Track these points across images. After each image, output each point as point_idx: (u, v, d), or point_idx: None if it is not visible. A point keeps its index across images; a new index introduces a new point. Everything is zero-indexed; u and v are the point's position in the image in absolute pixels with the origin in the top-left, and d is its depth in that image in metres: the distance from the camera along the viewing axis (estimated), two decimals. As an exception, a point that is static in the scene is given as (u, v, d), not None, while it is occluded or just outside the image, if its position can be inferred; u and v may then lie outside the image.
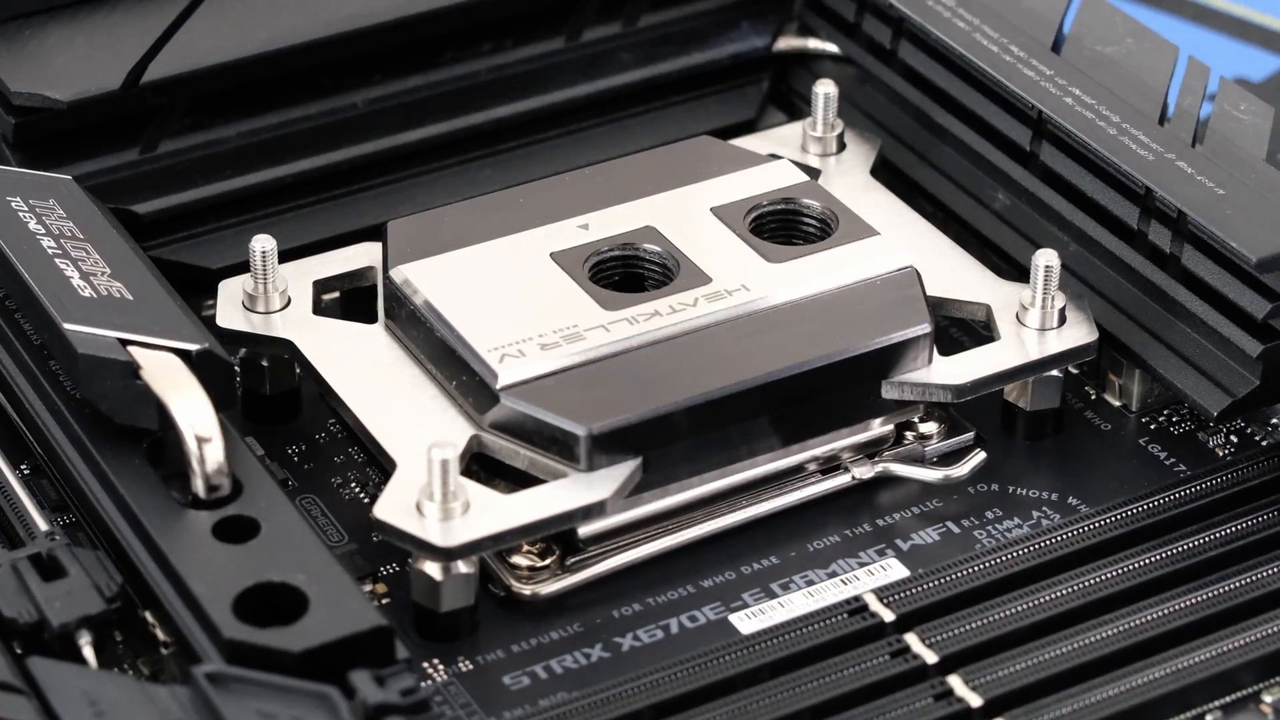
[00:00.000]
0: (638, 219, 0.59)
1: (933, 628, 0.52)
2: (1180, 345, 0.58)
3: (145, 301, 0.55)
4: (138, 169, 0.62)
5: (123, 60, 0.62)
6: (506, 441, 0.54)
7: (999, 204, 0.63)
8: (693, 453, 0.55)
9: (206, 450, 0.51)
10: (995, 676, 0.51)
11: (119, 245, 0.57)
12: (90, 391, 0.53)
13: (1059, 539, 0.54)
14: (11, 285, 0.56)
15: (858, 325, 0.56)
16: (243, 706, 0.46)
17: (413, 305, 0.57)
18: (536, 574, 0.54)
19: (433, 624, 0.53)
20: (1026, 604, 0.52)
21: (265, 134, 0.64)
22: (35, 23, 0.62)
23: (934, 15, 0.63)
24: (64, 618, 0.50)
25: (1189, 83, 0.61)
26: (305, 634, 0.48)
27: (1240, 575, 0.53)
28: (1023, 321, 0.58)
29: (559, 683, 0.52)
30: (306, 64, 0.64)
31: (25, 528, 0.53)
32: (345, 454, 0.59)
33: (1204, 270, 0.57)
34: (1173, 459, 0.58)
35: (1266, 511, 0.55)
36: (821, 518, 0.57)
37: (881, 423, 0.57)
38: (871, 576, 0.55)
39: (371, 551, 0.55)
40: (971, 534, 0.56)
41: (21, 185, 0.58)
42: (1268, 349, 0.56)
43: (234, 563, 0.50)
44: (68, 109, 0.61)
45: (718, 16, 0.68)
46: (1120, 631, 0.52)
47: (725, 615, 0.54)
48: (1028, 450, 0.59)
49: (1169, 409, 0.60)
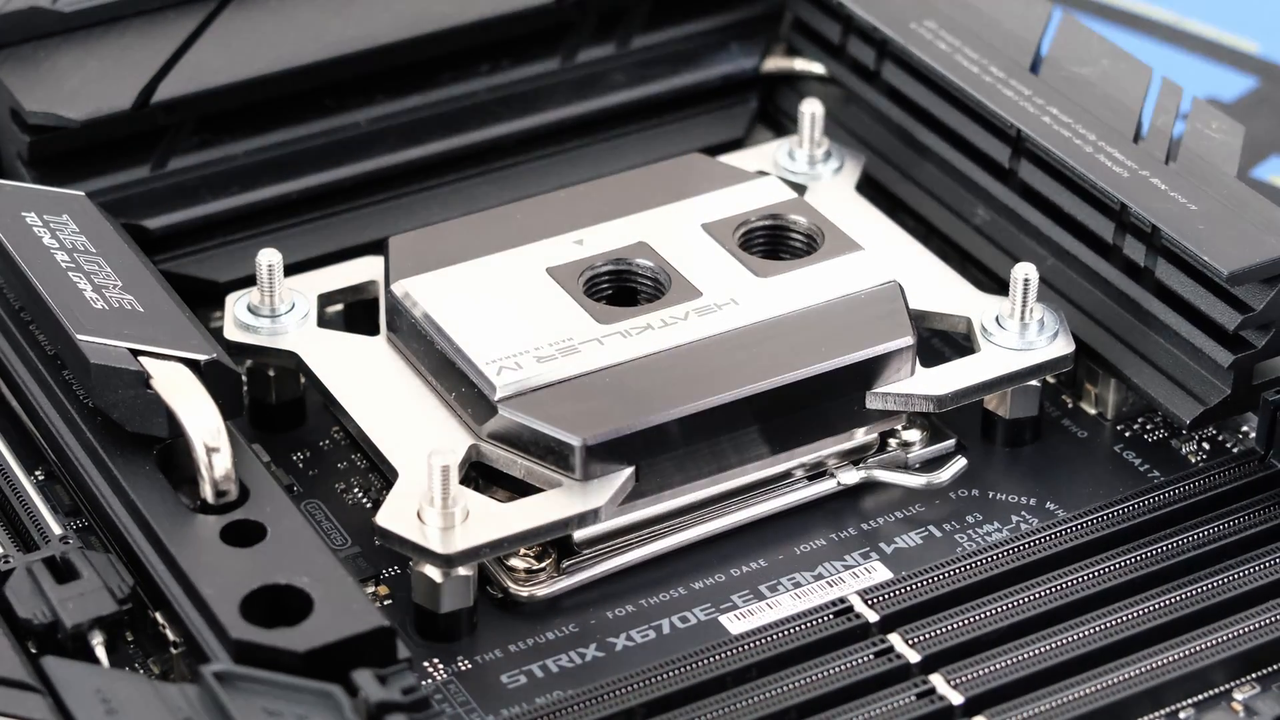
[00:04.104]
0: (630, 234, 0.59)
1: (915, 628, 0.52)
2: (1154, 355, 0.58)
3: (155, 313, 0.55)
4: (148, 185, 0.62)
5: (134, 80, 0.62)
6: (504, 451, 0.54)
7: (979, 219, 0.63)
8: (684, 462, 0.55)
9: (215, 457, 0.51)
10: (976, 675, 0.51)
11: (130, 259, 0.57)
12: (102, 400, 0.53)
13: (1037, 543, 0.54)
14: (27, 297, 0.56)
15: (843, 338, 0.56)
16: (250, 705, 0.46)
17: (413, 318, 0.57)
18: (533, 576, 0.55)
19: (433, 625, 0.53)
20: (1006, 605, 0.52)
21: (271, 151, 0.64)
22: (49, 44, 0.62)
23: (916, 37, 0.63)
24: (77, 618, 0.50)
25: (1162, 102, 0.61)
26: (310, 634, 0.48)
27: (1212, 578, 0.53)
28: (1002, 333, 0.58)
29: (555, 682, 0.52)
30: (311, 84, 0.64)
31: (40, 531, 0.53)
32: (348, 461, 0.59)
33: (1177, 283, 0.57)
34: (1147, 465, 0.59)
35: (1237, 516, 0.55)
36: (808, 522, 0.57)
37: (866, 431, 0.57)
38: (856, 579, 0.55)
39: (374, 554, 0.55)
40: (953, 538, 0.56)
41: (36, 201, 0.58)
42: (1239, 359, 0.56)
43: (241, 565, 0.50)
44: (80, 127, 0.61)
45: (707, 39, 0.68)
46: (1096, 632, 0.52)
47: (715, 616, 0.54)
48: (1007, 457, 0.59)
49: (1143, 417, 0.60)
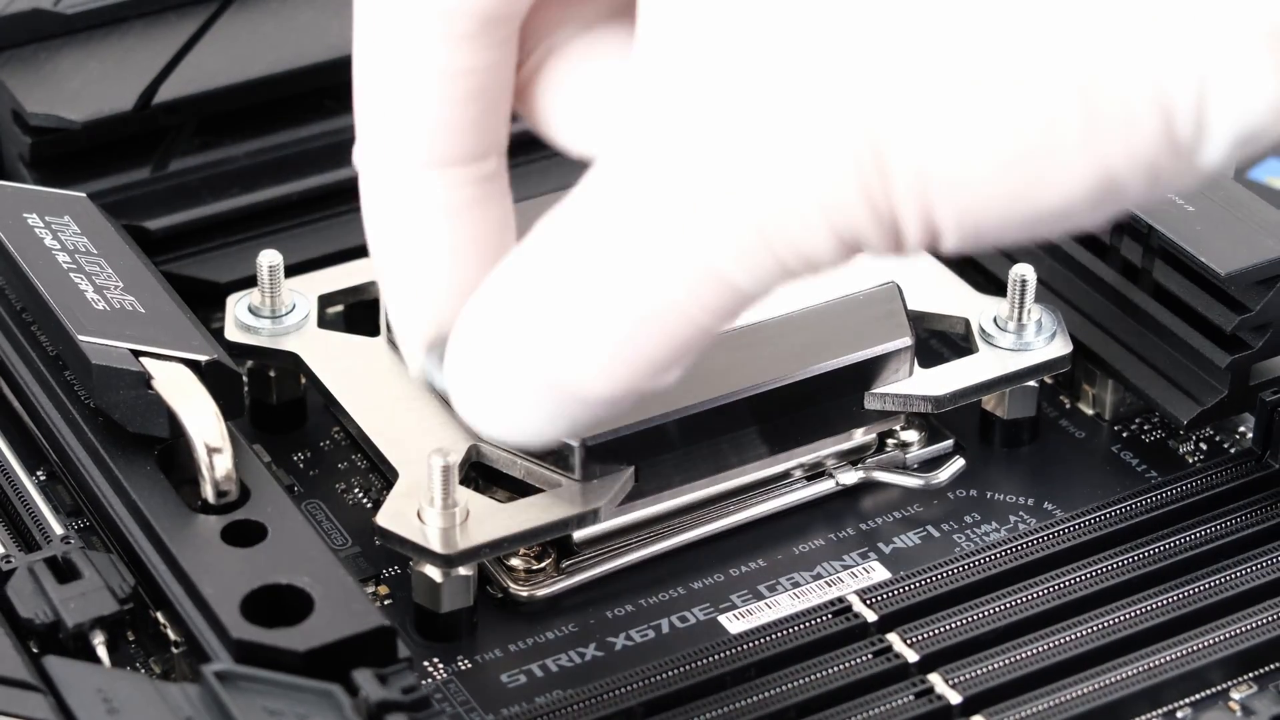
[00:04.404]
0: (630, 235, 0.60)
1: (914, 628, 0.52)
2: (1151, 356, 0.58)
3: (156, 314, 0.55)
4: (149, 187, 0.63)
5: (135, 82, 0.62)
6: (504, 451, 0.54)
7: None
8: (683, 462, 0.55)
9: (215, 457, 0.51)
10: (974, 675, 0.51)
11: (131, 260, 0.57)
12: (104, 401, 0.53)
13: (1035, 543, 0.54)
14: (28, 299, 0.56)
15: (842, 339, 0.56)
16: (250, 704, 0.46)
17: (413, 318, 0.58)
18: (533, 576, 0.55)
19: (433, 624, 0.54)
20: (1004, 605, 0.53)
21: (272, 153, 0.64)
22: (51, 46, 0.63)
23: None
24: (79, 618, 0.50)
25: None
26: (310, 634, 0.48)
27: (1209, 577, 0.53)
28: (1000, 333, 0.58)
29: (554, 681, 0.53)
30: (311, 86, 0.64)
31: (41, 532, 0.53)
32: (349, 461, 0.59)
33: (1174, 284, 0.58)
34: (1144, 465, 0.59)
35: (1234, 516, 0.55)
36: (807, 522, 0.57)
37: (865, 431, 0.57)
38: (855, 578, 0.55)
39: (374, 554, 0.55)
40: (951, 537, 0.56)
41: (38, 203, 0.58)
42: (1235, 360, 0.57)
43: (242, 565, 0.50)
44: (82, 129, 0.61)
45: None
46: (1094, 631, 0.52)
47: (714, 616, 0.54)
48: (1005, 457, 0.59)
49: (1140, 417, 0.60)
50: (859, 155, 0.40)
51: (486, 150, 0.48)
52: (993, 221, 0.40)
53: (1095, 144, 0.39)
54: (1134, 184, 0.40)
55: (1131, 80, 0.39)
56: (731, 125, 0.41)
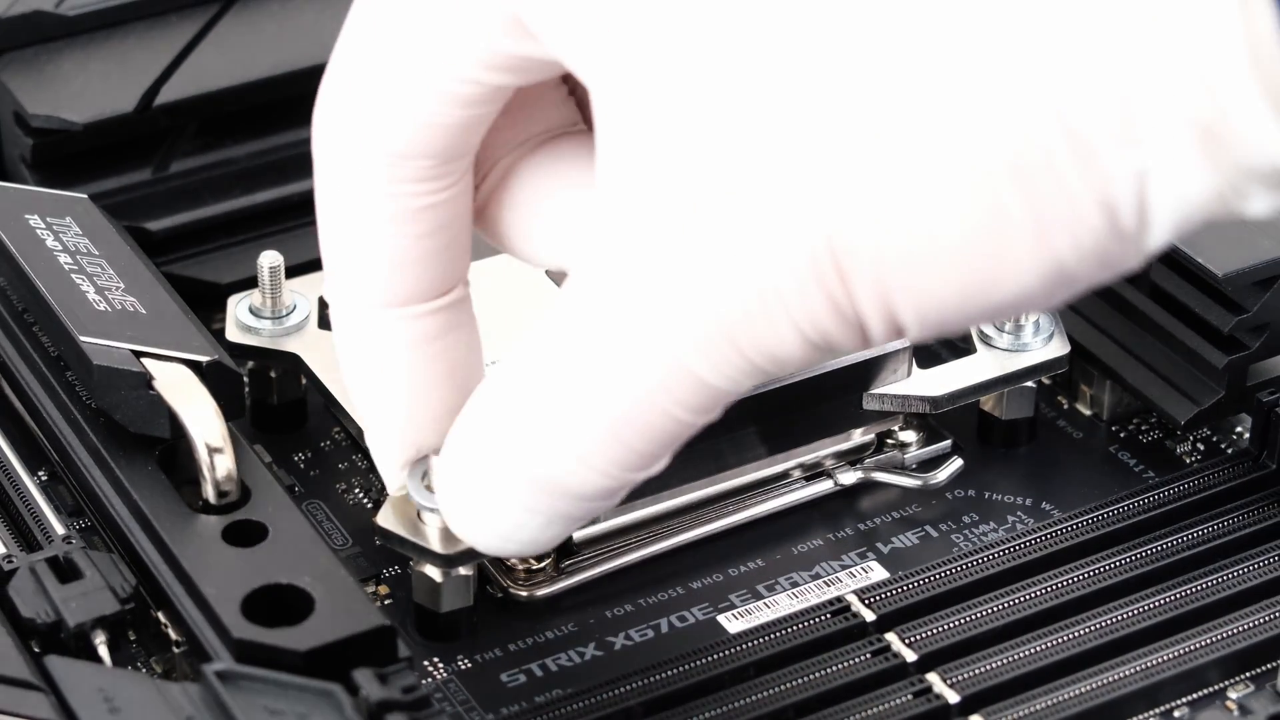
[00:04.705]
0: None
1: (912, 627, 0.52)
2: (1149, 357, 0.59)
3: (157, 315, 0.55)
4: (150, 188, 0.63)
5: (136, 84, 0.62)
6: None
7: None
8: (683, 462, 0.54)
9: (216, 458, 0.52)
10: (972, 674, 0.51)
11: (132, 261, 0.57)
12: (105, 401, 0.53)
13: (1033, 542, 0.54)
14: (30, 300, 0.56)
15: None
16: (251, 703, 0.46)
17: (413, 319, 0.58)
18: (532, 576, 0.55)
19: (433, 624, 0.54)
20: (1002, 605, 0.53)
21: (272, 154, 0.64)
22: (52, 48, 0.63)
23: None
24: (80, 618, 0.50)
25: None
26: (311, 634, 0.48)
27: (1206, 577, 0.53)
28: (998, 334, 0.58)
29: (554, 680, 0.53)
30: (312, 87, 0.60)
31: (43, 532, 0.53)
32: (349, 461, 0.59)
33: (1171, 285, 0.58)
34: (1141, 466, 0.59)
35: (1232, 516, 0.55)
36: (806, 522, 0.57)
37: (863, 432, 0.57)
38: (853, 578, 0.55)
39: (374, 554, 0.55)
40: (949, 537, 0.57)
41: (39, 204, 0.58)
42: (1232, 360, 0.57)
43: (243, 565, 0.50)
44: (83, 130, 0.61)
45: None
46: (1092, 631, 0.52)
47: (713, 615, 0.54)
48: (1003, 457, 0.59)
49: (1138, 418, 0.60)
50: (817, 257, 0.41)
51: (449, 283, 0.49)
52: (952, 312, 0.42)
53: (1044, 237, 0.40)
54: (1084, 271, 0.41)
55: (1073, 177, 0.40)
56: (690, 233, 0.42)
